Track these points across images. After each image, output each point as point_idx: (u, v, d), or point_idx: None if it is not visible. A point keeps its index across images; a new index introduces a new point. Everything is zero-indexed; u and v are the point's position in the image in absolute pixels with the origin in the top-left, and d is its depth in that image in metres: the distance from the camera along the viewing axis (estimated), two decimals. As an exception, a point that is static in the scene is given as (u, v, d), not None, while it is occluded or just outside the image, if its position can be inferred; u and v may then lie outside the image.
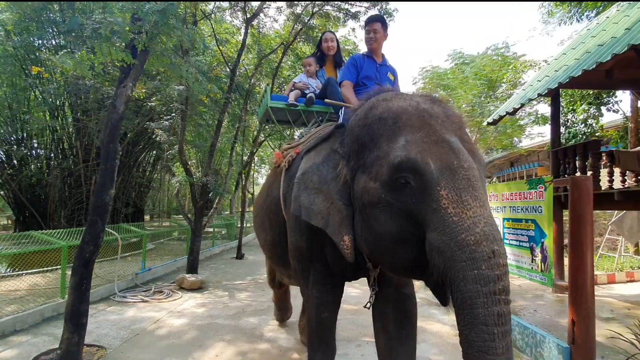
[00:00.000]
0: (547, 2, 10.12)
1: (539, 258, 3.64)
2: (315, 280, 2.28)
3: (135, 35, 3.40)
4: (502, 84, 10.54)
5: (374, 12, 9.39)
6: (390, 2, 9.39)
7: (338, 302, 2.40)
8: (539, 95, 5.93)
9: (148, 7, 3.24)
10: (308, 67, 3.42)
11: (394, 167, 1.46)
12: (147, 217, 21.76)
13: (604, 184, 5.38)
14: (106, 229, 6.21)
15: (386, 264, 1.74)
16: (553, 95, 6.67)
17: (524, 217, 3.90)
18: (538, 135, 14.30)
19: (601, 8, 8.77)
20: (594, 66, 4.72)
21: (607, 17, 6.38)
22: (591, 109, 9.66)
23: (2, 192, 12.16)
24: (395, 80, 2.88)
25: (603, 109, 9.75)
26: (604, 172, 5.67)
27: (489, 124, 7.13)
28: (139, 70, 3.86)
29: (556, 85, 5.44)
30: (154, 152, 13.96)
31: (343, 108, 2.56)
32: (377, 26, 2.68)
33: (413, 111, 1.61)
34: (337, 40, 3.45)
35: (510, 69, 9.73)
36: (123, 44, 3.56)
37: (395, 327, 2.27)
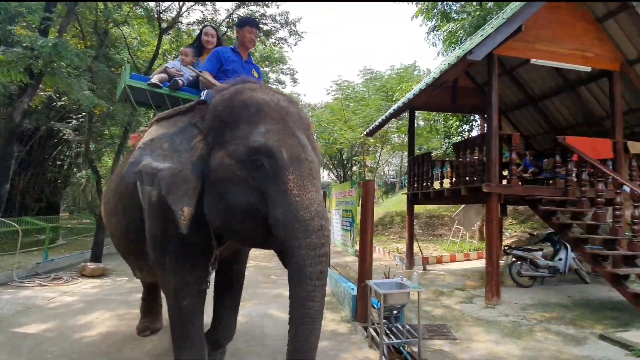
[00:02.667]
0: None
1: (352, 237, 5.08)
2: (171, 264, 2.17)
3: (33, 61, 4.15)
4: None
5: (283, 32, 10.68)
6: (298, 24, 10.58)
7: (201, 288, 2.24)
8: (394, 114, 7.54)
9: (41, 41, 4.02)
10: (184, 56, 3.31)
11: (253, 149, 1.71)
12: (66, 214, 20.87)
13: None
14: (8, 221, 6.63)
15: (236, 234, 1.97)
16: (410, 111, 8.35)
17: (347, 208, 5.33)
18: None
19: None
20: (417, 93, 6.10)
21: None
22: (464, 125, 11.95)
23: None
24: (260, 78, 3.02)
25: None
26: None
27: (365, 135, 8.73)
28: (35, 88, 4.61)
29: (401, 107, 6.97)
30: (73, 146, 13.83)
31: (205, 90, 2.56)
32: (256, 30, 2.98)
33: (274, 106, 1.88)
34: (218, 37, 3.44)
35: (398, 89, 11.56)
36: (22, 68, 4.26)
37: (228, 296, 2.84)
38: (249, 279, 6.21)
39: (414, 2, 11.66)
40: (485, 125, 10.43)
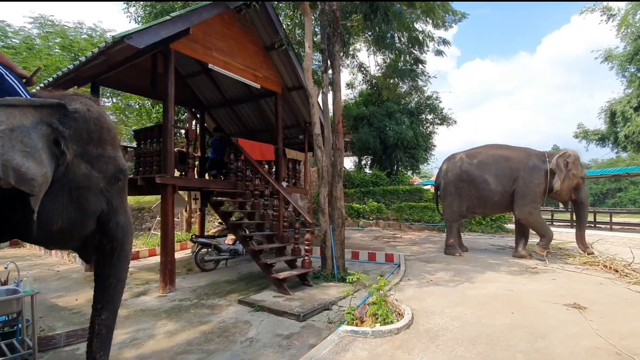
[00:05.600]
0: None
1: None
2: None
3: None
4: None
5: None
6: None
7: None
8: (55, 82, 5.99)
9: None
10: None
11: (121, 170, 2.17)
12: None
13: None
14: None
15: (72, 235, 2.13)
16: (93, 85, 6.91)
17: None
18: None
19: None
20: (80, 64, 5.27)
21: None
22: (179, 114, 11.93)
23: None
24: None
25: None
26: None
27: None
28: None
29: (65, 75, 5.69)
30: None
31: (14, 79, 1.94)
32: None
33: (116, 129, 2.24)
34: None
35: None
36: None
37: None
38: None
39: None
40: (196, 117, 10.94)
